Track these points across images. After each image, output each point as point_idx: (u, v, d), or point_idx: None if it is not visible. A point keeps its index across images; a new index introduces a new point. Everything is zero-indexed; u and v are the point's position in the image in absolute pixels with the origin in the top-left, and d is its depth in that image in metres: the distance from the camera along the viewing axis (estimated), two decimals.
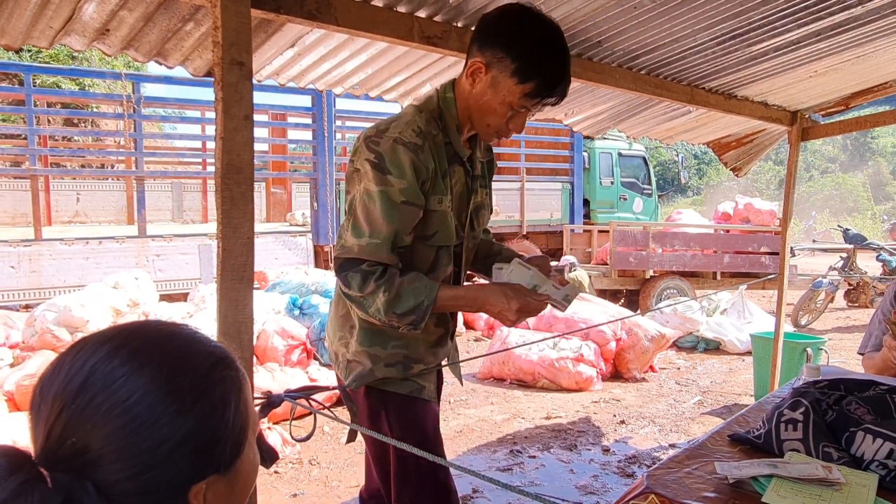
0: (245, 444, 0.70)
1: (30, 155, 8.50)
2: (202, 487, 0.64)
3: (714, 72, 2.88)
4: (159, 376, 0.62)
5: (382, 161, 1.45)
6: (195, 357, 0.67)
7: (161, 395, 0.62)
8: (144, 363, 0.63)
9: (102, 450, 0.59)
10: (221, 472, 0.66)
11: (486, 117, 1.53)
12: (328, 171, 9.80)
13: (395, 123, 1.51)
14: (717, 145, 4.31)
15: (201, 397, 0.64)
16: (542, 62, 1.45)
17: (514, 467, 3.76)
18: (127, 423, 0.60)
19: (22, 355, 4.49)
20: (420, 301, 1.47)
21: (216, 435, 0.65)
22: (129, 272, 6.32)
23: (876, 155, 36.21)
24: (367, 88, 2.64)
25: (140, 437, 0.60)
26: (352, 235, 1.49)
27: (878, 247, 9.63)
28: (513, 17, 1.48)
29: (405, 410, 1.65)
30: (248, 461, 0.71)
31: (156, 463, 0.61)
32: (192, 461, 0.63)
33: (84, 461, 0.59)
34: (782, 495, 1.25)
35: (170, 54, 2.02)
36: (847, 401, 1.49)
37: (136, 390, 0.61)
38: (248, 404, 0.71)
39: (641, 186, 11.73)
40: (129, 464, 0.60)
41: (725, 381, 5.89)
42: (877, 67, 3.08)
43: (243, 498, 0.72)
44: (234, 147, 1.50)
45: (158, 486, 0.61)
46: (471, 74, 1.50)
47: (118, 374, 0.61)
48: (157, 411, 0.61)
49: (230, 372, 0.69)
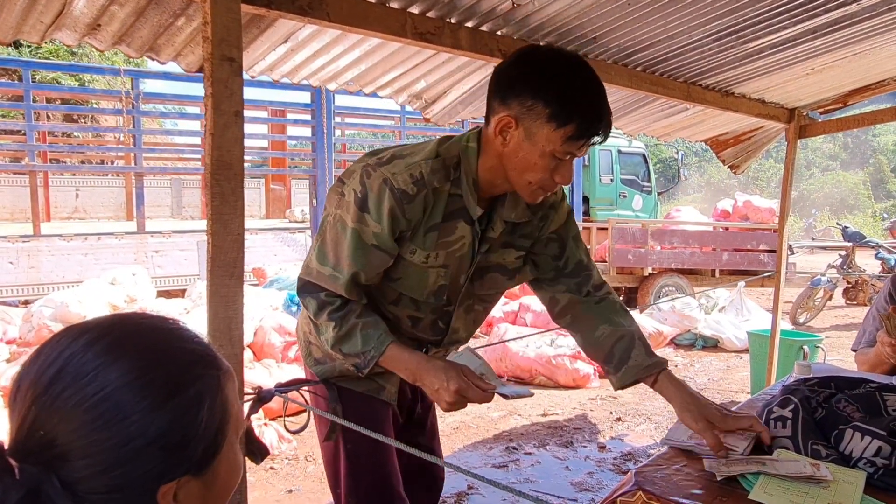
0: (223, 445, 0.68)
1: (28, 151, 8.51)
2: (172, 487, 0.62)
3: (711, 69, 2.88)
4: (132, 371, 0.60)
5: (366, 198, 1.35)
6: (173, 353, 0.65)
7: (132, 392, 0.60)
8: (119, 357, 0.61)
9: (70, 444, 0.58)
10: (194, 473, 0.64)
11: (526, 174, 1.36)
12: (327, 168, 9.81)
13: (398, 160, 1.38)
14: (714, 142, 4.30)
15: (174, 395, 0.62)
16: (577, 99, 1.29)
17: (509, 464, 3.76)
18: (95, 418, 0.58)
19: (19, 351, 4.50)
20: (367, 349, 1.40)
21: (188, 435, 0.63)
22: (127, 268, 6.32)
23: (877, 153, 36.16)
24: (362, 85, 2.63)
25: (107, 434, 0.58)
26: (316, 260, 1.43)
27: (877, 245, 9.63)
28: (531, 59, 1.34)
29: (357, 410, 1.59)
30: (226, 463, 0.69)
31: (123, 461, 0.59)
32: (161, 460, 0.61)
33: (52, 455, 0.58)
34: (769, 493, 1.25)
35: (162, 50, 2.02)
36: (837, 398, 1.48)
37: (106, 385, 0.59)
38: (227, 404, 0.68)
39: (641, 184, 11.72)
40: (96, 460, 0.58)
41: (723, 378, 5.89)
42: (875, 65, 3.07)
43: (222, 500, 0.70)
44: (224, 143, 1.49)
45: (125, 484, 0.59)
46: (500, 132, 1.33)
47: (90, 368, 0.60)
48: (127, 408, 0.59)
49: (209, 371, 0.67)
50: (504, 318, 6.45)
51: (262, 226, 10.20)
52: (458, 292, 1.55)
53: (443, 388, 1.36)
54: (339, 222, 1.39)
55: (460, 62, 2.51)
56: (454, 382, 1.35)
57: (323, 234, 1.43)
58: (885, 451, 1.31)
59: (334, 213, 1.41)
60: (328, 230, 1.42)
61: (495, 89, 1.36)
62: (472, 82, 2.74)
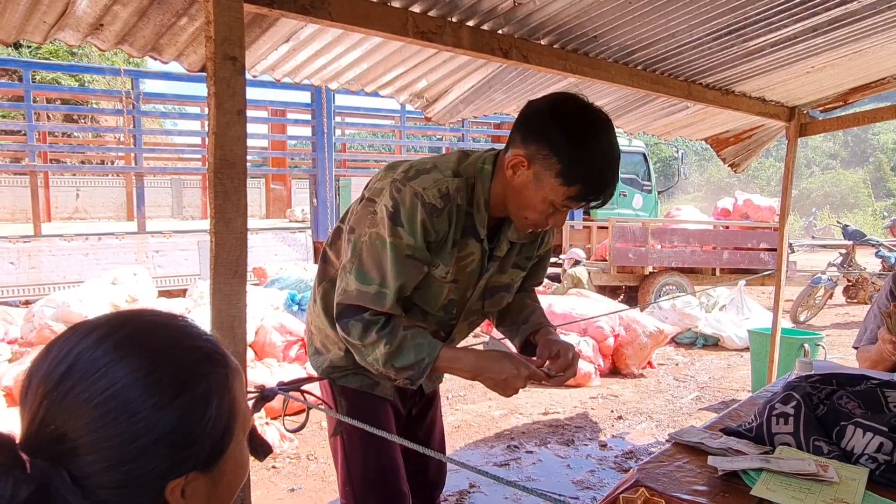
0: (230, 442, 0.68)
1: (29, 151, 8.51)
2: (180, 483, 0.63)
3: (711, 67, 2.88)
4: (141, 368, 0.61)
5: (398, 212, 1.39)
6: (182, 350, 0.66)
7: (141, 388, 0.60)
8: (128, 354, 0.62)
9: (79, 440, 0.58)
10: (202, 469, 0.65)
11: (525, 210, 1.43)
12: (328, 168, 9.81)
13: (426, 175, 1.43)
14: (715, 141, 4.30)
15: (182, 392, 0.63)
16: (588, 166, 1.34)
17: (510, 462, 3.77)
18: (104, 414, 0.59)
19: (20, 351, 4.50)
20: (421, 358, 1.42)
21: (196, 432, 0.64)
22: (128, 268, 6.33)
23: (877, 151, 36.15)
24: (363, 84, 2.64)
25: (116, 430, 0.59)
26: (356, 280, 1.42)
27: (878, 243, 9.62)
28: (561, 112, 1.36)
29: (353, 405, 1.61)
30: (233, 460, 0.69)
31: (131, 457, 0.60)
32: (169, 457, 0.62)
33: (62, 450, 0.58)
34: (771, 488, 1.26)
35: (164, 49, 2.02)
36: (838, 395, 1.49)
37: (116, 381, 0.60)
38: (235, 402, 0.69)
39: (641, 183, 11.72)
40: (104, 456, 0.59)
41: (723, 376, 5.90)
42: (875, 63, 3.07)
43: (228, 497, 0.71)
44: (227, 142, 1.50)
45: (133, 479, 0.60)
46: (511, 167, 1.39)
47: (101, 364, 0.60)
48: (136, 405, 0.60)
49: (217, 368, 0.68)
50: None
51: (262, 225, 10.20)
52: (464, 307, 1.61)
53: (512, 376, 1.42)
54: (378, 240, 1.41)
55: (461, 61, 2.52)
56: (525, 369, 1.43)
57: (358, 255, 1.44)
58: (887, 447, 1.31)
59: (369, 233, 1.43)
60: (364, 251, 1.43)
61: (522, 124, 1.41)
62: (474, 81, 2.75)
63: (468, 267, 1.54)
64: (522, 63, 2.28)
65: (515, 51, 2.22)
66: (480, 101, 2.97)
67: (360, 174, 11.24)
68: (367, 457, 1.63)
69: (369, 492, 1.62)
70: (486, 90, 2.84)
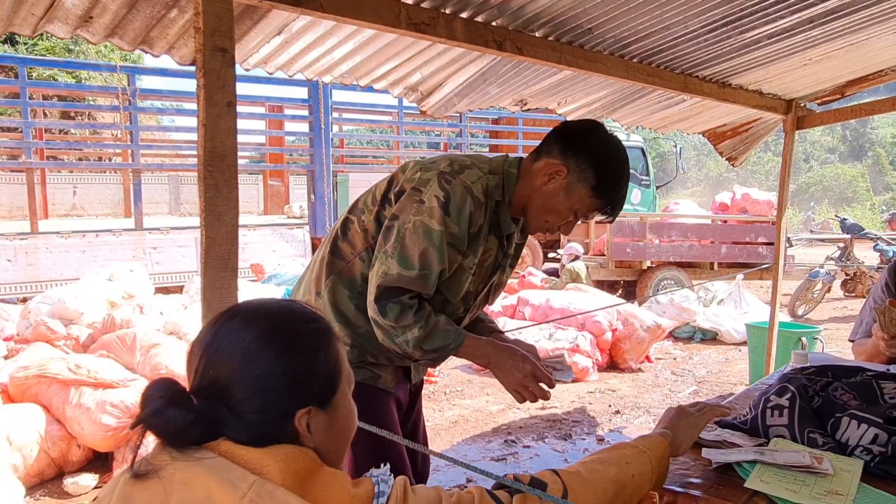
0: (337, 388, 0.90)
1: (25, 148, 8.48)
2: (304, 415, 0.85)
3: (707, 60, 2.86)
4: (264, 330, 0.86)
5: (449, 202, 1.50)
6: (291, 318, 0.90)
7: (264, 342, 0.85)
8: (253, 322, 0.87)
9: (227, 379, 0.83)
10: (318, 405, 0.87)
11: (548, 214, 1.62)
12: (325, 163, 9.79)
13: (469, 170, 1.56)
14: (712, 135, 4.29)
15: (294, 344, 0.87)
16: (616, 186, 1.58)
17: (508, 457, 3.76)
18: (241, 359, 0.84)
19: (16, 347, 4.48)
20: (447, 343, 1.54)
21: (308, 372, 0.86)
22: (125, 264, 6.31)
23: (875, 145, 36.15)
24: (357, 77, 2.62)
25: (250, 369, 0.83)
26: (399, 265, 1.50)
27: (876, 236, 9.63)
28: (598, 135, 1.59)
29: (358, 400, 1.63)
30: (343, 407, 0.92)
31: (263, 388, 0.83)
32: (291, 389, 0.85)
33: (217, 388, 0.84)
34: (765, 481, 1.25)
35: (155, 42, 2.01)
36: (833, 387, 1.48)
37: (247, 338, 0.85)
38: (338, 356, 0.92)
39: (639, 177, 11.70)
40: (245, 387, 0.83)
41: (721, 370, 5.90)
42: (872, 55, 3.06)
43: (343, 439, 0.93)
44: (217, 134, 1.48)
45: (268, 405, 0.83)
46: (549, 174, 1.57)
47: (235, 329, 0.86)
48: (262, 352, 0.84)
49: (321, 328, 0.91)
50: (503, 312, 6.45)
51: (260, 222, 10.18)
52: (475, 299, 1.73)
53: (516, 368, 1.56)
54: (422, 227, 1.50)
55: (456, 53, 2.50)
56: (528, 365, 1.56)
57: (401, 240, 1.51)
58: (882, 439, 1.30)
59: (413, 220, 1.51)
60: (408, 236, 1.51)
61: (561, 139, 1.60)
62: (468, 74, 2.73)
63: (486, 261, 1.66)
64: (517, 55, 2.26)
65: (510, 43, 2.20)
66: (475, 95, 2.95)
67: (358, 170, 11.22)
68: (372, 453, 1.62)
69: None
70: (481, 83, 2.83)
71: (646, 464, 1.14)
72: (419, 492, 0.89)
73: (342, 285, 1.63)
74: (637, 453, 1.15)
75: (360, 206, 1.68)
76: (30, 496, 3.23)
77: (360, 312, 1.60)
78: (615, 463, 1.11)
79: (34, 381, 3.53)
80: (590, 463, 1.11)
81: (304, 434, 0.85)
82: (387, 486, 0.87)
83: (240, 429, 0.82)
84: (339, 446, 0.92)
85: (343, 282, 1.63)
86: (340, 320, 1.63)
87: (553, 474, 1.04)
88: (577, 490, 1.02)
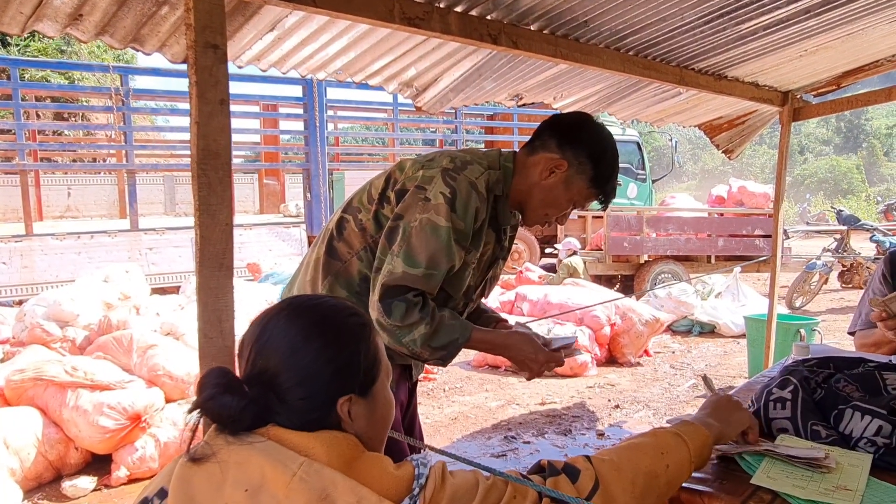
0: (377, 378, 0.95)
1: (19, 150, 8.43)
2: (346, 402, 0.90)
3: (703, 52, 2.85)
4: (309, 324, 0.92)
5: (455, 198, 1.49)
6: (334, 313, 0.96)
7: (309, 335, 0.91)
8: (299, 316, 0.94)
9: (275, 368, 0.89)
10: (359, 393, 0.92)
11: (548, 208, 1.65)
12: (321, 162, 9.76)
13: (471, 166, 1.56)
14: (708, 127, 4.28)
15: (337, 337, 0.93)
16: (611, 177, 1.63)
17: (508, 453, 3.75)
18: (288, 350, 0.90)
19: (12, 350, 4.45)
20: (455, 338, 1.52)
21: (350, 362, 0.92)
22: (121, 265, 6.27)
23: (870, 137, 36.21)
24: (351, 73, 2.60)
25: (297, 358, 0.89)
26: (405, 264, 1.47)
27: (873, 227, 9.64)
28: (592, 127, 1.63)
29: None
30: (382, 395, 0.96)
31: (309, 375, 0.89)
32: (334, 377, 0.90)
33: (267, 377, 0.89)
34: (772, 477, 1.23)
35: (146, 40, 1.98)
36: (836, 378, 1.47)
37: (293, 332, 0.91)
38: (377, 349, 0.97)
39: (635, 172, 11.70)
40: (292, 375, 0.89)
41: (720, 363, 5.90)
42: (868, 45, 3.05)
43: (382, 426, 0.97)
44: (210, 132, 1.46)
45: (314, 392, 0.89)
46: (549, 169, 1.59)
47: (282, 323, 0.93)
48: (307, 344, 0.90)
49: (361, 322, 0.97)
50: (501, 308, 6.43)
51: (256, 221, 10.14)
52: (473, 293, 1.73)
53: (529, 359, 1.59)
54: (429, 225, 1.49)
55: (451, 48, 2.48)
56: (542, 354, 1.60)
57: (407, 239, 1.49)
58: (886, 430, 1.29)
59: (420, 218, 1.49)
60: (414, 235, 1.49)
61: (557, 131, 1.61)
62: (463, 69, 2.71)
63: (485, 255, 1.67)
64: (512, 49, 2.24)
65: (504, 36, 2.18)
66: (471, 90, 2.93)
67: (354, 168, 11.18)
68: None
69: None
70: (476, 78, 2.81)
71: (684, 453, 1.12)
72: (457, 474, 0.91)
73: (340, 286, 1.60)
74: (677, 443, 1.12)
75: (356, 204, 1.64)
76: (28, 500, 3.20)
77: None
78: (651, 451, 1.09)
79: (30, 383, 3.51)
80: (625, 450, 1.09)
81: (346, 420, 0.90)
82: (425, 468, 0.89)
83: (288, 415, 0.88)
84: (379, 433, 0.97)
85: (340, 282, 1.60)
86: None
87: (586, 461, 1.03)
88: (607, 479, 1.01)
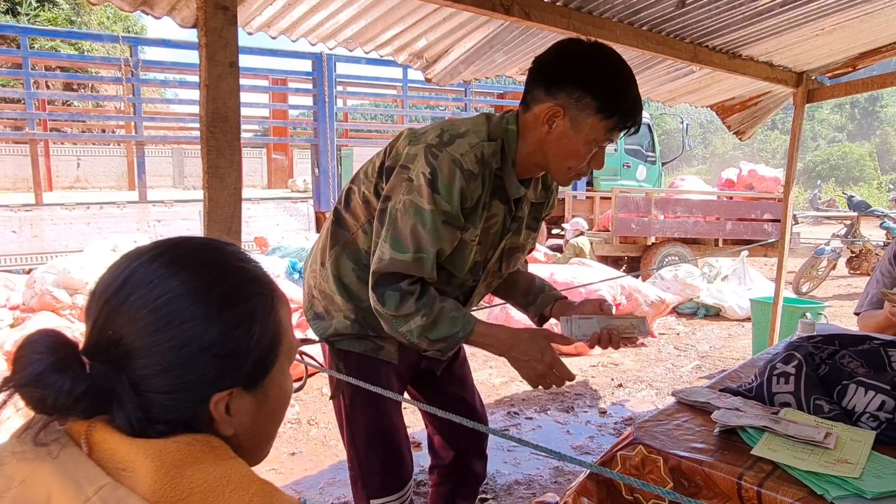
0: (274, 364, 0.71)
1: (28, 119, 8.44)
2: (225, 397, 0.66)
3: (718, 28, 2.81)
4: (191, 282, 0.65)
5: (435, 179, 1.37)
6: (231, 270, 0.69)
7: (192, 299, 0.64)
8: (181, 269, 0.66)
9: (133, 343, 0.62)
10: (245, 386, 0.68)
11: (568, 160, 1.45)
12: (329, 137, 9.73)
13: (460, 140, 1.41)
14: (721, 108, 4.24)
15: (229, 307, 0.66)
16: (620, 94, 1.39)
17: (511, 429, 3.78)
18: (157, 319, 0.63)
19: (22, 316, 4.51)
20: (455, 332, 1.43)
21: (240, 347, 0.67)
22: (129, 236, 6.31)
23: (884, 124, 35.79)
24: (361, 42, 2.58)
25: (167, 336, 0.63)
26: (392, 249, 1.39)
27: (883, 214, 9.55)
28: (577, 54, 1.41)
29: (356, 369, 1.60)
30: (277, 385, 0.72)
31: (179, 363, 0.63)
32: (214, 367, 0.65)
33: (118, 353, 0.63)
34: (773, 448, 1.24)
35: (156, 4, 1.96)
36: (840, 354, 1.47)
37: (168, 291, 0.64)
38: (280, 326, 0.72)
39: (645, 154, 11.62)
40: (155, 360, 0.63)
41: (724, 346, 5.90)
42: (886, 24, 3.00)
43: (272, 423, 0.74)
44: (220, 94, 1.46)
45: (181, 386, 0.64)
46: (547, 120, 1.41)
47: (155, 276, 0.64)
48: (185, 314, 0.64)
49: (264, 290, 0.71)
50: None
51: (264, 195, 10.16)
52: (486, 269, 1.61)
53: (535, 361, 1.44)
54: (412, 207, 1.38)
55: (462, 18, 2.46)
56: (548, 355, 1.44)
57: (393, 223, 1.40)
58: (889, 406, 1.30)
59: (403, 200, 1.39)
60: (399, 218, 1.40)
61: (539, 79, 1.42)
62: (474, 41, 2.69)
63: (492, 228, 1.54)
64: (524, 20, 2.22)
65: (517, 7, 2.16)
66: (481, 62, 2.91)
67: (362, 144, 11.15)
68: (368, 420, 1.64)
69: (372, 453, 1.64)
70: (487, 50, 2.78)
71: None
72: None
73: (347, 257, 1.57)
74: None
75: (361, 176, 1.60)
76: None
77: (364, 285, 1.52)
78: None
79: None
80: None
81: (220, 419, 0.66)
82: None
83: (134, 411, 0.62)
84: (267, 429, 0.74)
85: (348, 253, 1.58)
86: (343, 293, 1.57)
87: None
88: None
